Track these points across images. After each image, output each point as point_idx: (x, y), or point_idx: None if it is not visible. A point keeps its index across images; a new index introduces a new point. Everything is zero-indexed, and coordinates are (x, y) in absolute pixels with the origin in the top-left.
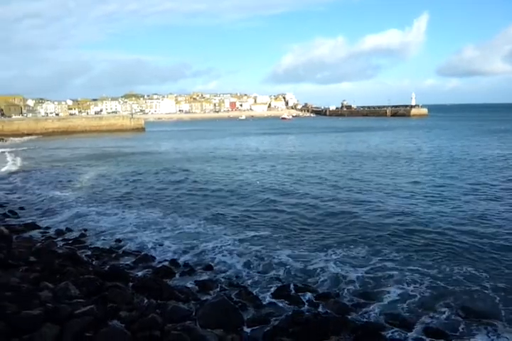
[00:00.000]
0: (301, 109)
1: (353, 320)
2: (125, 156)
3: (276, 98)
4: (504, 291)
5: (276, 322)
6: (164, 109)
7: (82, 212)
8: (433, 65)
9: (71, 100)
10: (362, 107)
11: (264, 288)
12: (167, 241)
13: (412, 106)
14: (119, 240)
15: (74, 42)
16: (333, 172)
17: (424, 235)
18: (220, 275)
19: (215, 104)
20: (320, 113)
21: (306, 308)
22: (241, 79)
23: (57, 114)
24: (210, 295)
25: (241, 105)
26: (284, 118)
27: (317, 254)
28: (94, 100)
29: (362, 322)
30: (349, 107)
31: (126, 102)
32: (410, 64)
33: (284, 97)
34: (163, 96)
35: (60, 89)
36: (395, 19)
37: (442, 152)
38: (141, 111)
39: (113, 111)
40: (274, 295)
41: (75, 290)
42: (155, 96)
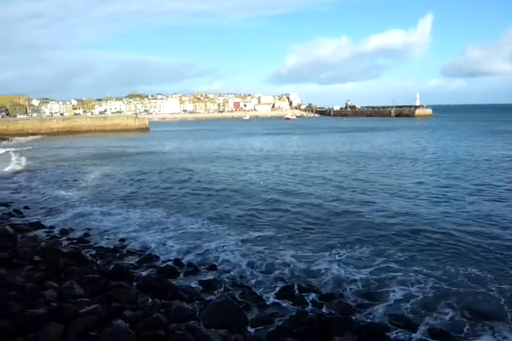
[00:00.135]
0: (305, 109)
1: (357, 321)
2: (129, 156)
3: (280, 98)
4: (510, 292)
5: (280, 323)
6: (168, 109)
7: (87, 212)
8: (438, 65)
9: (76, 100)
10: (366, 107)
11: (268, 288)
12: (171, 241)
13: (416, 107)
14: (123, 239)
15: (78, 42)
16: (338, 173)
17: (429, 235)
18: (224, 275)
19: (219, 104)
20: (324, 113)
21: (310, 309)
22: (245, 79)
23: (61, 114)
24: (214, 295)
25: (245, 105)
26: (288, 118)
27: (321, 254)
28: (99, 100)
29: (366, 323)
30: (353, 107)
31: (130, 102)
32: (415, 64)
33: (287, 97)
34: (168, 96)
35: (64, 89)
36: (398, 19)
37: (447, 152)
38: (145, 111)
39: (117, 111)
40: (278, 296)
41: (80, 289)
42: (159, 96)
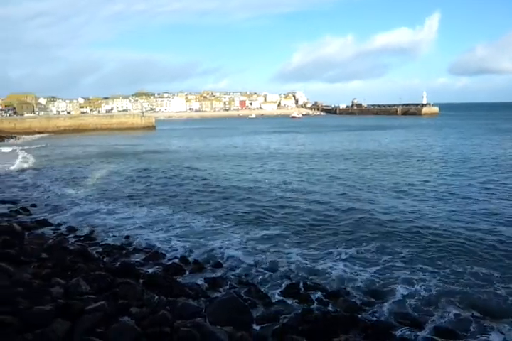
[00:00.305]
0: (311, 108)
1: (363, 319)
2: (136, 154)
3: (286, 96)
4: None
5: (285, 320)
6: (174, 107)
7: (93, 209)
8: (444, 63)
9: (82, 98)
10: (372, 106)
11: (274, 285)
12: (177, 239)
13: (423, 105)
14: (129, 237)
15: (84, 40)
16: (344, 171)
17: (435, 233)
18: (229, 273)
19: (225, 103)
20: (330, 111)
21: (316, 306)
22: (250, 77)
23: (68, 112)
24: (220, 293)
25: (251, 104)
26: (294, 116)
27: (327, 252)
28: (105, 98)
29: (372, 321)
30: (359, 106)
31: (136, 101)
32: (421, 62)
33: (293, 96)
34: (174, 95)
35: (71, 88)
36: (405, 17)
37: (454, 151)
38: (151, 109)
39: (124, 110)
40: (283, 293)
41: (86, 286)
42: (165, 95)
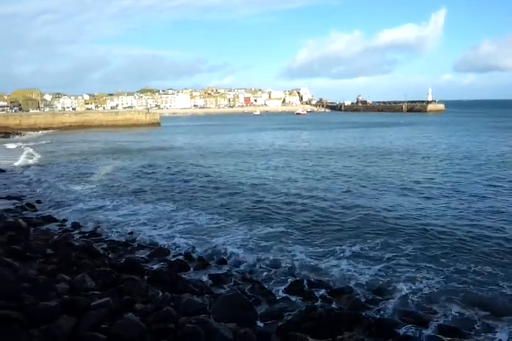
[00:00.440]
0: (315, 104)
1: (367, 317)
2: (141, 151)
3: (290, 93)
4: None
5: (289, 317)
6: (179, 104)
7: (98, 205)
8: (450, 60)
9: (88, 95)
10: (377, 102)
11: (278, 282)
12: (181, 235)
13: (428, 102)
14: (134, 233)
15: (90, 37)
16: (349, 168)
17: (440, 231)
18: (233, 270)
19: (229, 99)
20: (335, 108)
21: (320, 304)
22: (255, 74)
23: (73, 109)
24: (224, 289)
25: (255, 100)
26: (298, 113)
27: (331, 250)
28: (111, 95)
29: (375, 319)
30: (364, 102)
31: (141, 97)
32: (427, 59)
33: (298, 92)
34: (178, 92)
35: (76, 84)
36: (411, 13)
37: (459, 148)
38: (156, 106)
39: (129, 106)
40: (287, 290)
41: (91, 282)
42: (170, 91)
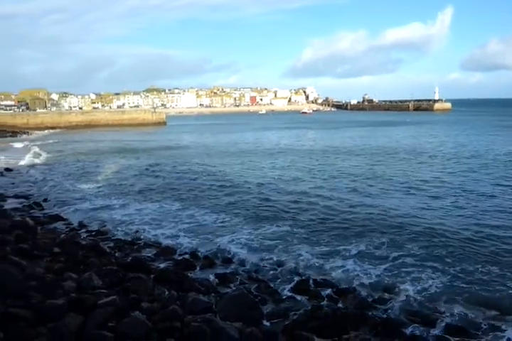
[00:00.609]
0: (321, 103)
1: (373, 316)
2: (147, 150)
3: (296, 92)
4: None
5: (295, 317)
6: (185, 103)
7: (105, 204)
8: (457, 59)
9: (94, 94)
10: (384, 101)
11: (284, 282)
12: (187, 234)
13: (435, 101)
14: (140, 232)
15: (97, 36)
16: (355, 167)
17: (446, 230)
18: (239, 269)
19: (235, 99)
20: (341, 107)
21: (326, 303)
22: (261, 73)
23: (80, 108)
24: (230, 288)
25: (261, 99)
26: (304, 112)
27: (337, 249)
28: (117, 94)
29: (382, 318)
30: (371, 101)
31: (147, 96)
32: (433, 58)
33: (304, 91)
34: (184, 91)
35: (83, 84)
36: (417, 12)
37: (466, 147)
38: (162, 105)
39: (135, 105)
40: (293, 290)
41: (98, 280)
42: (176, 91)
